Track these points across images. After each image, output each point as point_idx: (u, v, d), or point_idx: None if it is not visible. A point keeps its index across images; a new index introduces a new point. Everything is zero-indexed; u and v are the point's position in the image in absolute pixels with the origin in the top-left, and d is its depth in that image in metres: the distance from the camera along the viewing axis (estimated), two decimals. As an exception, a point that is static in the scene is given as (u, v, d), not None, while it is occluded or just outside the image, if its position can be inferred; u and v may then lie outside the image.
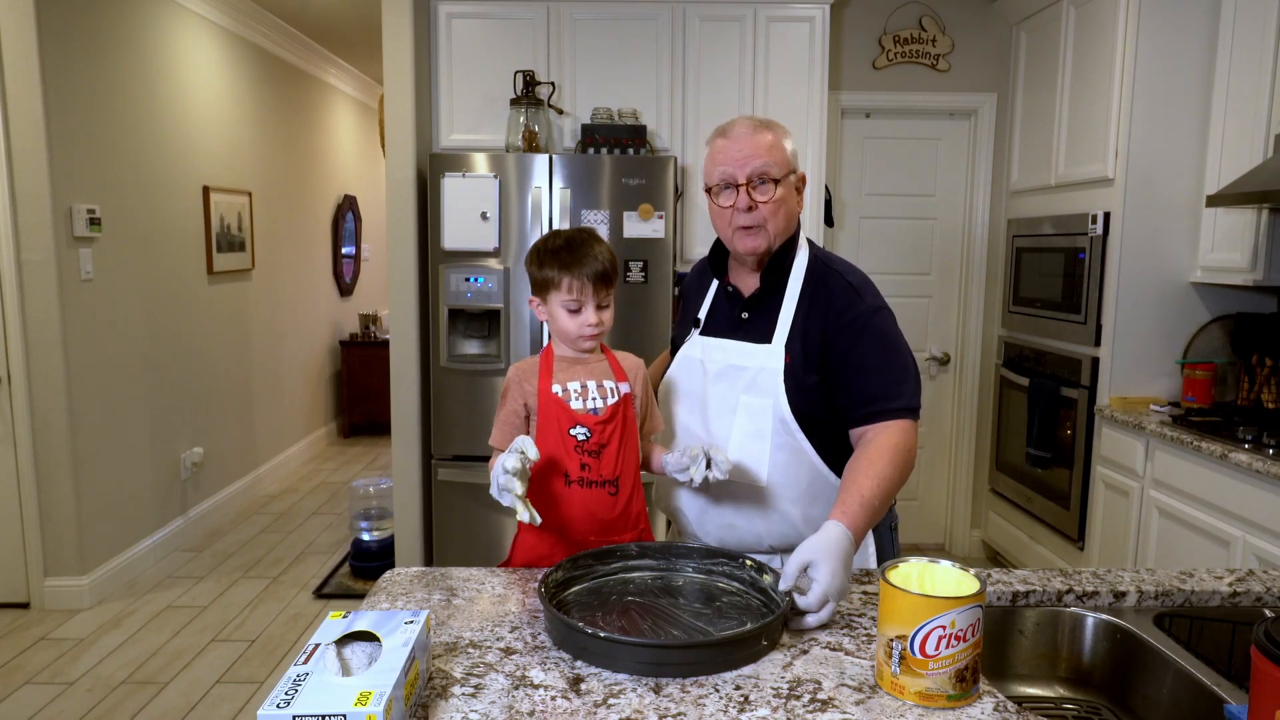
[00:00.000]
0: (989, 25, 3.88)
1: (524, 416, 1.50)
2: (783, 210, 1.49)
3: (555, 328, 1.50)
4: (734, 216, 1.48)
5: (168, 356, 4.04)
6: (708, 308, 1.63)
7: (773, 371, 1.48)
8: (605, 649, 1.10)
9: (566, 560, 1.33)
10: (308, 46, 5.59)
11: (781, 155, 1.48)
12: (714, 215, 1.54)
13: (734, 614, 1.23)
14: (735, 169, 1.47)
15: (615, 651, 1.09)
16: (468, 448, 3.34)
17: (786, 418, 1.48)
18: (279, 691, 0.89)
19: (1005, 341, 3.89)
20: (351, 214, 6.67)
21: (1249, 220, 2.78)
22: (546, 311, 1.50)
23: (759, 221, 1.48)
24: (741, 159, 1.46)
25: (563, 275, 1.45)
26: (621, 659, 1.09)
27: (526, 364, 1.52)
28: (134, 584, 3.67)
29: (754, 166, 1.46)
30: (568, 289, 1.45)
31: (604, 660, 1.10)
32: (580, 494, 1.45)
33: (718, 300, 1.62)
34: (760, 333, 1.52)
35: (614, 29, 3.48)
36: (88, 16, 3.45)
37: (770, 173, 1.46)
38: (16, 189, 3.19)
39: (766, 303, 1.54)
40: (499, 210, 3.23)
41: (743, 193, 1.46)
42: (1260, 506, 2.35)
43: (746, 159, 1.46)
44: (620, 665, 1.09)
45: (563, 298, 1.46)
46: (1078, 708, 1.31)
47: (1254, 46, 2.75)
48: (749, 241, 1.50)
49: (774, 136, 1.49)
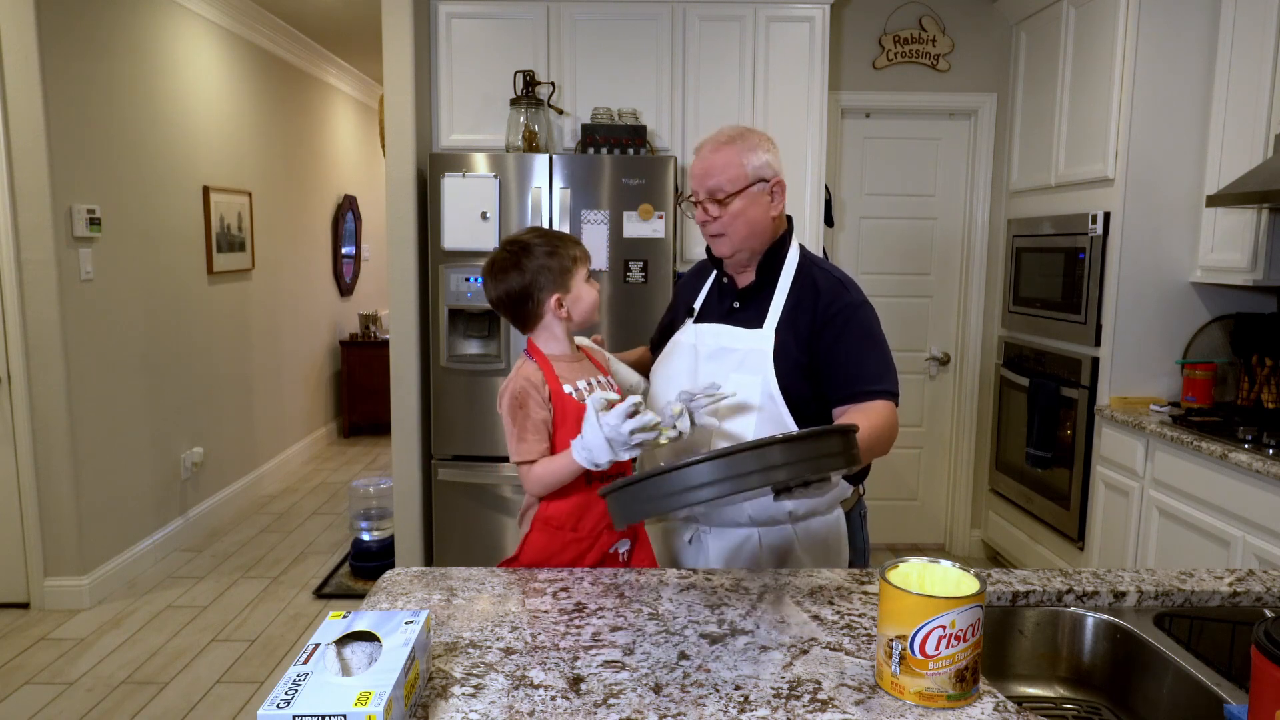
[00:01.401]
0: (989, 25, 3.88)
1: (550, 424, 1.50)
2: (741, 220, 1.60)
3: (580, 308, 1.56)
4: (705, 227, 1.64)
5: (168, 356, 4.04)
6: (703, 299, 1.75)
7: (762, 353, 1.59)
8: (682, 480, 1.10)
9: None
10: (308, 46, 5.59)
11: (737, 172, 1.58)
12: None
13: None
14: (696, 185, 1.62)
15: (692, 477, 1.09)
16: (468, 448, 3.34)
17: (774, 393, 1.56)
18: (279, 691, 0.89)
19: (1005, 341, 3.89)
20: (351, 214, 6.67)
21: (1249, 220, 2.78)
22: (571, 298, 1.54)
23: (720, 231, 1.61)
24: (700, 175, 1.61)
25: (577, 248, 1.56)
26: (700, 481, 1.09)
27: (530, 371, 1.51)
28: (134, 584, 3.67)
29: (708, 185, 1.59)
30: (584, 257, 1.56)
31: (677, 497, 1.10)
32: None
33: (712, 292, 1.75)
34: (751, 320, 1.64)
35: (614, 29, 3.48)
36: (88, 17, 3.45)
37: (721, 190, 1.58)
38: (16, 189, 3.19)
39: (759, 295, 1.65)
40: (499, 210, 3.23)
41: (699, 208, 1.62)
42: (1260, 506, 2.35)
43: (703, 176, 1.60)
44: (699, 493, 1.09)
45: (585, 269, 1.56)
46: (1078, 708, 1.31)
47: (1254, 46, 2.75)
48: (717, 247, 1.65)
49: (733, 153, 1.58)
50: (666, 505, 1.13)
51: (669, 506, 1.13)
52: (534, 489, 1.48)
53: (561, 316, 1.53)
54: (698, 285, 1.79)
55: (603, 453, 1.36)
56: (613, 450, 1.36)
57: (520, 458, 1.48)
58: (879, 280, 4.00)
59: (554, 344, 1.53)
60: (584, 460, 1.38)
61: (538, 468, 1.46)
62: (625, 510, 1.18)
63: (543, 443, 1.47)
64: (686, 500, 1.12)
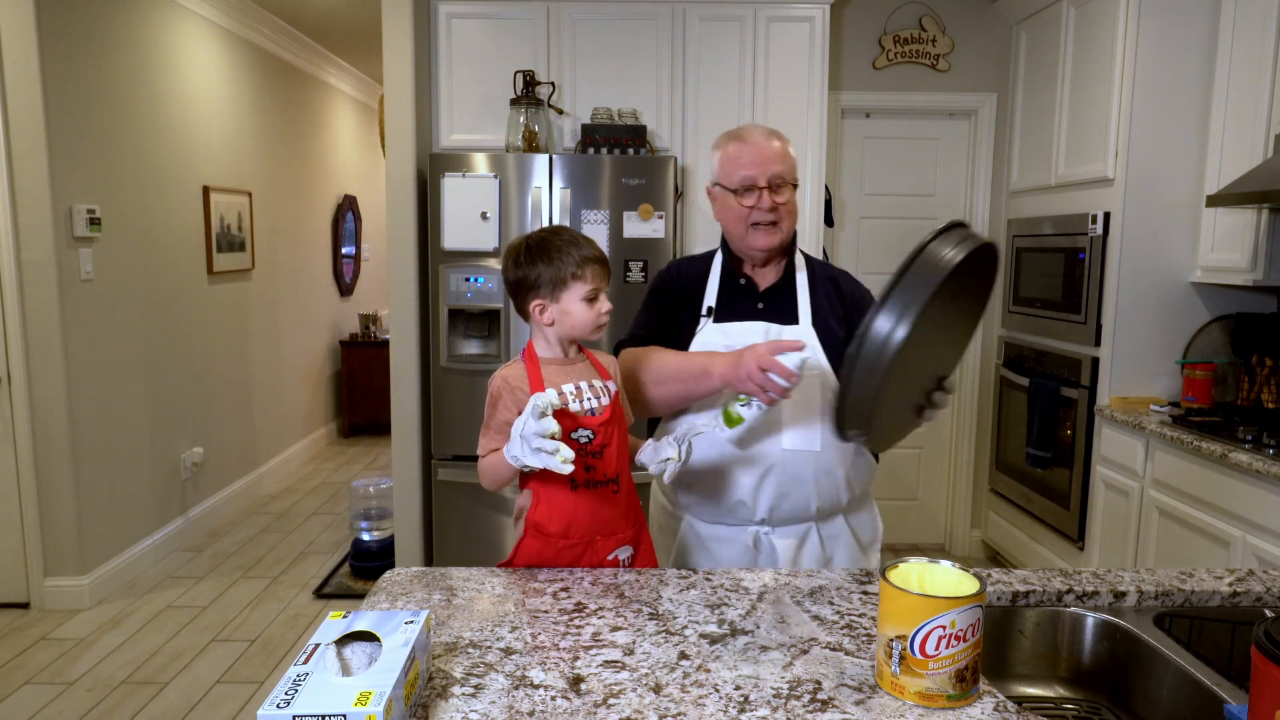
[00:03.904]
0: (989, 25, 3.88)
1: None
2: (793, 212, 1.65)
3: (568, 324, 1.47)
4: (753, 215, 1.61)
5: (168, 356, 4.04)
6: (715, 298, 1.70)
7: (815, 346, 1.61)
8: (881, 324, 1.22)
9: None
10: (308, 46, 5.59)
11: (792, 162, 1.64)
12: (726, 213, 1.66)
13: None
14: (756, 172, 1.60)
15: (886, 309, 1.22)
16: (468, 448, 3.34)
17: (834, 383, 1.57)
18: (279, 691, 0.89)
19: (1005, 341, 3.89)
20: (351, 214, 6.67)
21: (1249, 220, 2.78)
22: (556, 310, 1.47)
23: (777, 219, 1.61)
24: (758, 162, 1.60)
25: (584, 267, 1.46)
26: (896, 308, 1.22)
27: (513, 371, 1.48)
28: (134, 584, 3.67)
29: (774, 171, 1.60)
30: (591, 278, 1.47)
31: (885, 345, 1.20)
32: (587, 495, 1.45)
33: (724, 293, 1.70)
34: (783, 317, 1.65)
35: (614, 29, 3.48)
36: (87, 17, 3.45)
37: (786, 177, 1.61)
38: (16, 189, 3.19)
39: (782, 293, 1.67)
40: (499, 210, 3.23)
41: (765, 195, 1.60)
42: (1260, 506, 2.35)
43: (766, 163, 1.60)
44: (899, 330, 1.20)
45: (585, 289, 1.46)
46: (1078, 708, 1.31)
47: (1254, 46, 2.75)
48: (766, 239, 1.62)
49: (783, 144, 1.64)
50: (879, 367, 1.20)
51: (881, 367, 1.20)
52: (482, 481, 1.49)
53: (544, 323, 1.51)
54: (698, 286, 1.73)
55: (515, 447, 1.32)
56: (522, 447, 1.30)
57: (478, 451, 1.50)
58: (879, 280, 3.97)
59: (544, 346, 1.52)
60: (507, 453, 1.35)
61: (483, 461, 1.47)
62: (855, 413, 1.26)
63: (501, 442, 1.45)
64: (892, 348, 1.20)
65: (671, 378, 1.57)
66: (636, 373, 1.61)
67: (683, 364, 1.56)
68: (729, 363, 1.47)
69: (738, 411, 1.46)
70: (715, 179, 1.67)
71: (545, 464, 1.28)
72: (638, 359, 1.62)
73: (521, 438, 1.30)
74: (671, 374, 1.57)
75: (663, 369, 1.58)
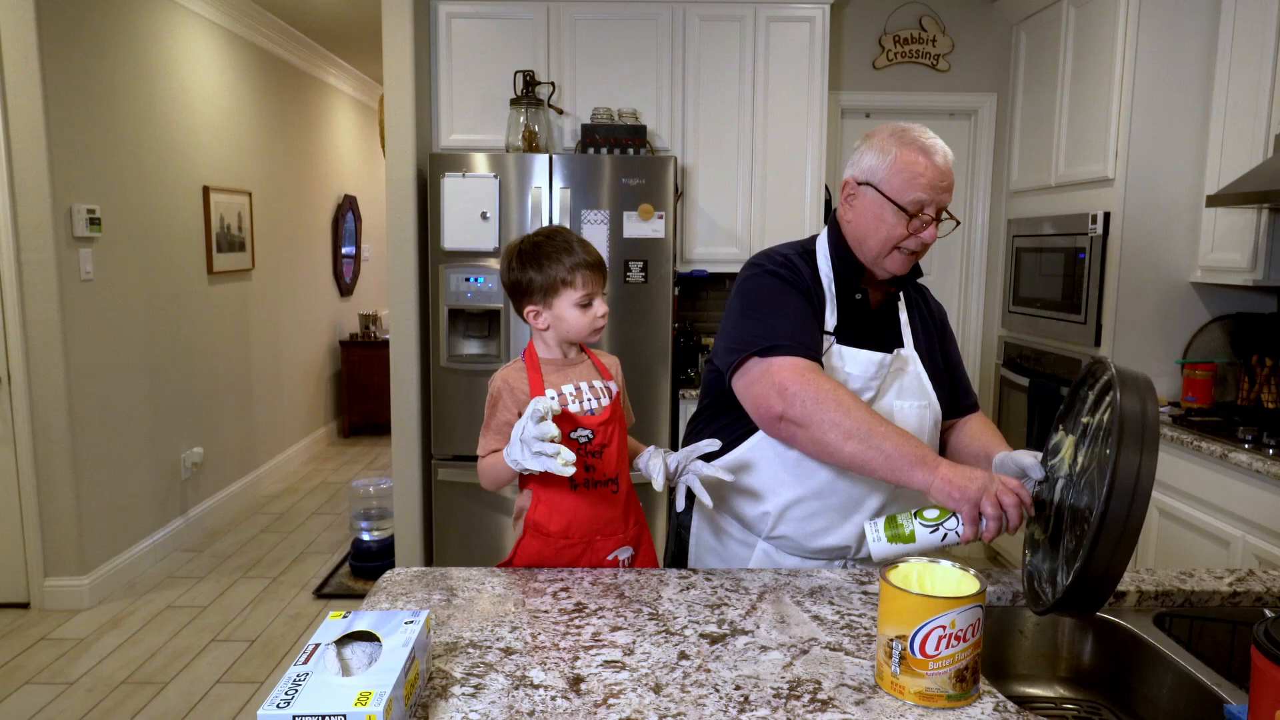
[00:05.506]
0: (989, 25, 3.88)
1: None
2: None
3: (563, 329, 1.48)
4: (909, 241, 1.44)
5: (168, 356, 4.04)
6: (836, 317, 1.51)
7: (917, 374, 1.52)
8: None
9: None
10: (308, 46, 5.59)
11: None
12: (873, 223, 1.45)
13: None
14: (933, 197, 1.42)
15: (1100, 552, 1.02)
16: (468, 448, 3.34)
17: (939, 413, 1.54)
18: (279, 691, 0.89)
19: (1005, 341, 3.89)
20: (351, 214, 6.67)
21: (1249, 220, 2.78)
22: (550, 316, 1.48)
23: (919, 251, 1.47)
24: (941, 188, 1.43)
25: (575, 273, 1.45)
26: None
27: (512, 371, 1.49)
28: (134, 584, 3.67)
29: (945, 201, 1.44)
30: (582, 284, 1.45)
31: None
32: (587, 496, 1.45)
33: (845, 307, 1.52)
34: (887, 340, 1.53)
35: (614, 29, 3.48)
36: (88, 17, 3.45)
37: (948, 210, 1.47)
38: (16, 189, 3.19)
39: (887, 313, 1.57)
40: (499, 210, 3.23)
41: (932, 226, 1.44)
42: (1260, 506, 2.35)
43: (944, 190, 1.43)
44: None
45: (577, 295, 1.46)
46: (1078, 708, 1.31)
47: (1254, 46, 2.75)
48: (904, 266, 1.48)
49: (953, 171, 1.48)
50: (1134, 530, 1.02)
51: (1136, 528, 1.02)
52: (482, 482, 1.49)
53: (538, 327, 1.51)
54: (817, 295, 1.50)
55: (515, 450, 1.32)
56: (521, 450, 1.30)
57: (478, 451, 1.50)
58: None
59: (543, 347, 1.53)
60: (507, 456, 1.35)
61: (482, 462, 1.47)
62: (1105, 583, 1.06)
63: (500, 443, 1.46)
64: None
65: (872, 444, 1.29)
66: (823, 406, 1.33)
67: (898, 441, 1.29)
68: (957, 474, 1.24)
69: (915, 529, 1.25)
70: (875, 181, 1.43)
71: (546, 467, 1.28)
72: (838, 397, 1.34)
73: (521, 442, 1.30)
74: (876, 440, 1.29)
75: (870, 430, 1.30)
